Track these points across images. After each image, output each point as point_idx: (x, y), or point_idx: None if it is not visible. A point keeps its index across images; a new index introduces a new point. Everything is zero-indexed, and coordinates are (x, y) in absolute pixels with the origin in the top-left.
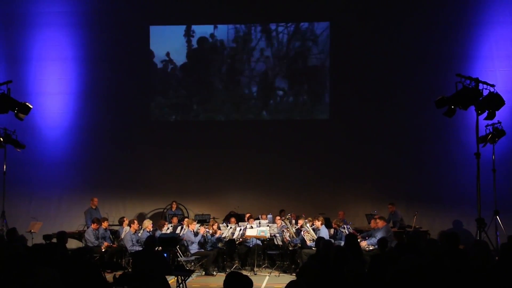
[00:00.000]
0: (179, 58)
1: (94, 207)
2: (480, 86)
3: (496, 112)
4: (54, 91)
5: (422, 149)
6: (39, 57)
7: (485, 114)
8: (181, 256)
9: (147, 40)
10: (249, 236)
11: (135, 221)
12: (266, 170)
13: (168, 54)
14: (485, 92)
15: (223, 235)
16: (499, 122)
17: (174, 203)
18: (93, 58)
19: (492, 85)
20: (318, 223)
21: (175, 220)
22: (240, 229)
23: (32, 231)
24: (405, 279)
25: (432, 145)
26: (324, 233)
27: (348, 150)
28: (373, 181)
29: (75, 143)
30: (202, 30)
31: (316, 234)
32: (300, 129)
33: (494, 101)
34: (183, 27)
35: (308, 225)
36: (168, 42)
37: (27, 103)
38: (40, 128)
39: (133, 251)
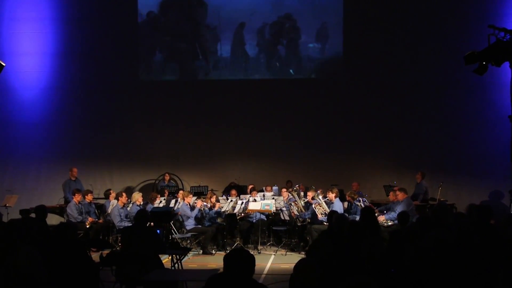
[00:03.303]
0: (170, 10)
1: (73, 179)
2: None
3: None
4: (29, 49)
5: (448, 111)
6: (12, 15)
7: None
8: (175, 233)
9: None
10: (252, 210)
11: (123, 194)
12: (271, 136)
13: (157, 6)
14: None
15: (223, 209)
16: None
17: (166, 174)
18: (70, 15)
19: None
20: (331, 195)
21: (166, 192)
22: (242, 203)
23: (7, 205)
24: (429, 257)
25: (460, 107)
26: (338, 206)
27: (364, 113)
28: (392, 148)
29: (54, 105)
30: None
31: (328, 207)
32: (310, 89)
33: None
34: None
35: (320, 197)
36: None
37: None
38: (14, 88)
39: (121, 227)
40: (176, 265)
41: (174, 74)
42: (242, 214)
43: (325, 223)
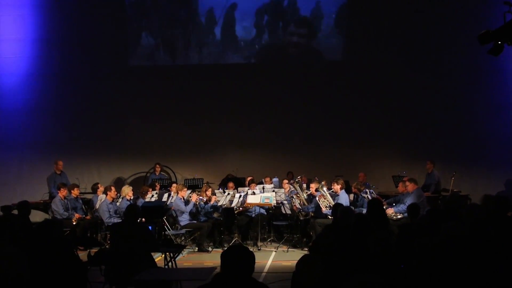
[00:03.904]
0: None
1: (58, 172)
2: None
3: None
4: (7, 34)
5: (461, 96)
6: None
7: None
8: (169, 229)
9: None
10: (251, 204)
11: (112, 188)
12: (271, 124)
13: None
14: None
15: (220, 203)
16: None
17: (157, 165)
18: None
19: None
20: (336, 187)
21: (157, 186)
22: (240, 196)
23: None
24: (442, 252)
25: (473, 91)
26: (344, 199)
27: (370, 99)
28: (401, 136)
29: (36, 94)
30: None
31: (333, 200)
32: (312, 73)
33: None
34: None
35: (324, 189)
36: None
37: None
38: None
39: (110, 223)
40: (170, 263)
41: (165, 59)
42: (240, 208)
43: (329, 217)
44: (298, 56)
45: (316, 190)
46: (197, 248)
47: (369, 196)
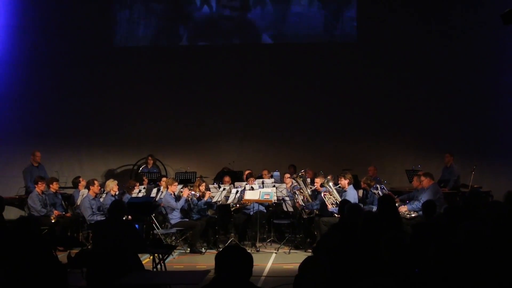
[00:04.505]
0: None
1: (36, 164)
2: None
3: None
4: None
5: (482, 82)
6: None
7: None
8: (158, 228)
9: None
10: (249, 200)
11: (95, 182)
12: (271, 112)
13: None
14: None
15: (214, 200)
16: None
17: (150, 158)
18: None
19: None
20: (344, 182)
21: (145, 180)
22: (237, 192)
23: None
24: (460, 254)
25: (495, 77)
26: (352, 195)
27: (381, 86)
28: (415, 126)
29: (11, 80)
30: None
31: (340, 196)
32: (317, 57)
33: None
34: None
35: (330, 184)
36: None
37: None
38: None
39: (93, 221)
40: (159, 266)
41: (154, 39)
42: (237, 205)
43: (336, 215)
44: (302, 40)
45: (322, 185)
46: (189, 249)
47: (380, 192)
